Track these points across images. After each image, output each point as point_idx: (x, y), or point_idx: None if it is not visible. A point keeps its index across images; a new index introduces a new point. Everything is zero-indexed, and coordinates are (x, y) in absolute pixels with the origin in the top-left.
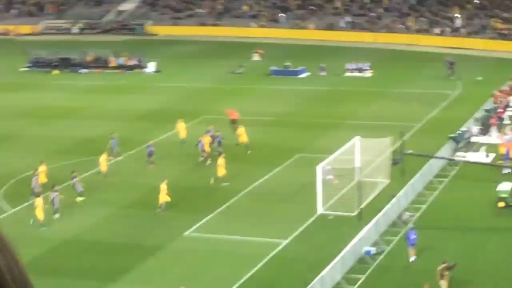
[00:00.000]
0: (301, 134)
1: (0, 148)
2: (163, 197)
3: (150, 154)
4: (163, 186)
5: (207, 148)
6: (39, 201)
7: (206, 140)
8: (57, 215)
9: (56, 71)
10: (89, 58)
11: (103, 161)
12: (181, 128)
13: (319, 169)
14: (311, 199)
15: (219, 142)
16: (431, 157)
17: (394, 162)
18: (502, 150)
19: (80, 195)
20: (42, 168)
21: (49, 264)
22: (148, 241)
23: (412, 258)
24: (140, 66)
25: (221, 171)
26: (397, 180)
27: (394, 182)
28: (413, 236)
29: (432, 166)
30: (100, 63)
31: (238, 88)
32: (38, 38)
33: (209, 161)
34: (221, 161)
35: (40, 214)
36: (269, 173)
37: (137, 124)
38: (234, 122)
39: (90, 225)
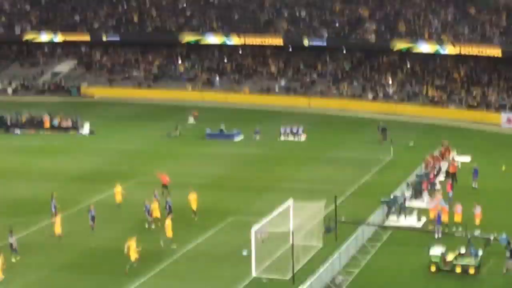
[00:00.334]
0: (235, 197)
1: None
2: (133, 254)
3: (92, 218)
4: (132, 244)
5: (156, 214)
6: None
7: (155, 205)
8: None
9: None
10: (23, 118)
11: None
12: (117, 192)
13: (253, 232)
14: (245, 262)
15: (169, 207)
16: (363, 224)
17: (327, 230)
18: (432, 215)
19: (16, 254)
20: None
21: None
22: None
23: None
24: (75, 128)
25: (169, 232)
26: (330, 244)
27: (328, 246)
28: None
29: (365, 230)
30: (35, 124)
31: (173, 150)
32: None
33: (153, 226)
34: (169, 222)
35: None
36: (203, 236)
37: (71, 185)
38: (165, 186)
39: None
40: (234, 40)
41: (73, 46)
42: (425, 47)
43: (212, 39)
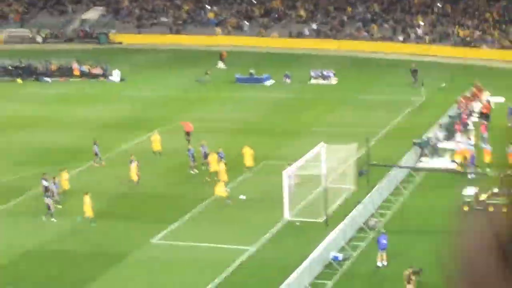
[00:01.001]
0: (266, 142)
1: None
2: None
3: (205, 155)
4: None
5: (215, 167)
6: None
7: (213, 157)
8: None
9: (19, 80)
10: (53, 66)
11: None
12: (155, 140)
13: (285, 175)
14: (278, 205)
15: (205, 153)
16: (396, 167)
17: (360, 173)
18: (458, 157)
19: (57, 200)
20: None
21: (12, 274)
22: (114, 249)
23: (379, 263)
24: (105, 75)
25: (224, 177)
26: (363, 187)
27: (360, 189)
28: (383, 241)
29: (398, 172)
30: (64, 72)
31: (204, 95)
32: (1, 47)
33: (194, 171)
34: (223, 167)
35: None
36: (235, 180)
37: (104, 132)
38: (188, 134)
39: (54, 234)
40: None
41: None
42: None
43: None
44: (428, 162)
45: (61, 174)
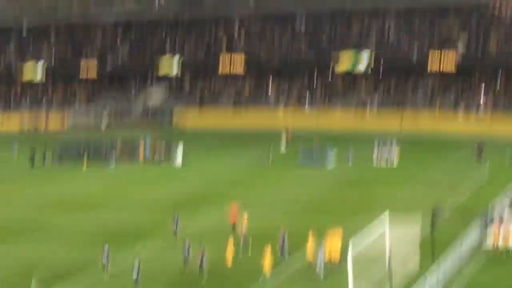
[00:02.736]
0: (330, 220)
1: (31, 239)
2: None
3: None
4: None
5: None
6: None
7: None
8: None
9: (84, 167)
10: (118, 150)
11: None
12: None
13: (349, 255)
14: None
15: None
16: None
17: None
18: None
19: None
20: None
21: None
22: None
23: None
24: (169, 158)
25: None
26: (426, 265)
27: (423, 267)
28: None
29: (463, 250)
30: (129, 156)
31: (267, 177)
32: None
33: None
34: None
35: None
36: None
37: (166, 215)
38: (234, 227)
39: None
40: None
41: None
42: None
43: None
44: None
45: None
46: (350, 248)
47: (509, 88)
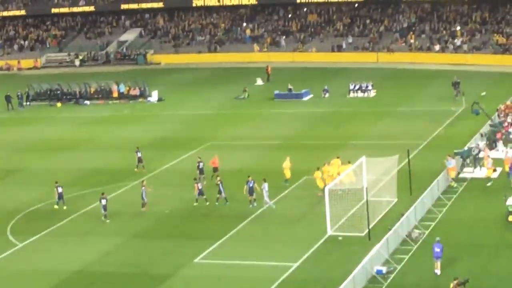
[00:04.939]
0: (306, 157)
1: (7, 182)
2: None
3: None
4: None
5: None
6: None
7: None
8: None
9: (59, 104)
10: (91, 89)
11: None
12: (286, 167)
13: (326, 190)
14: (320, 220)
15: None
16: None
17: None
18: (506, 167)
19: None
20: None
21: None
22: (159, 269)
23: (436, 271)
24: (143, 96)
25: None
26: (405, 199)
27: (402, 201)
28: (437, 250)
29: (440, 183)
30: (103, 94)
31: (242, 113)
32: (40, 72)
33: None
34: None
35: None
36: (277, 196)
37: (144, 152)
38: (215, 170)
39: (98, 255)
40: None
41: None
42: None
43: None
44: (471, 172)
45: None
46: (326, 187)
47: (485, 21)
